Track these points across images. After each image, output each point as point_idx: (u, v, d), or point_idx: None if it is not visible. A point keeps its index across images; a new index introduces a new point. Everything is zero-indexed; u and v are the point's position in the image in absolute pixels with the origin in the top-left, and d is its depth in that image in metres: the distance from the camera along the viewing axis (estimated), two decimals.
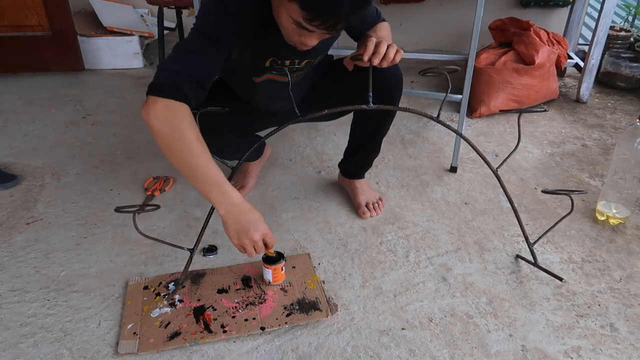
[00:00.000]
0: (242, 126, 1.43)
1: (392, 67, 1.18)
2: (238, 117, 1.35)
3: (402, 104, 1.42)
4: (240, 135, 1.46)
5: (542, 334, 1.14)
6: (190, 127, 1.01)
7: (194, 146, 1.01)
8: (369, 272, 1.33)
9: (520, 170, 1.82)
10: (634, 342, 1.12)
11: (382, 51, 1.10)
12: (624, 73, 2.51)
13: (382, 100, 1.23)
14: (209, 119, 1.17)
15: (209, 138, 1.07)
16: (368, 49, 1.10)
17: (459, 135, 1.18)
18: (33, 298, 1.24)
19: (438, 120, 1.17)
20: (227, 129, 1.37)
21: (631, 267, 1.34)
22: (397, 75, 1.35)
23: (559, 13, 2.87)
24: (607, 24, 2.23)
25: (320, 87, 1.45)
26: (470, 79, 1.67)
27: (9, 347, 1.10)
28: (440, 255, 1.39)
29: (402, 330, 1.15)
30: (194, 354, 1.09)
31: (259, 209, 1.10)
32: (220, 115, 1.21)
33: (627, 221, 1.52)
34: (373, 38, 1.12)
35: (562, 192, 1.23)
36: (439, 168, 1.84)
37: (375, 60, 1.10)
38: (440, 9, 2.96)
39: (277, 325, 1.14)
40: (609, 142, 2.04)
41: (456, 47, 2.87)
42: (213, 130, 1.21)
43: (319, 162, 1.87)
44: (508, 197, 1.24)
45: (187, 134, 1.01)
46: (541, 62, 2.21)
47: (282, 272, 1.26)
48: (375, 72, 1.17)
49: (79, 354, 1.09)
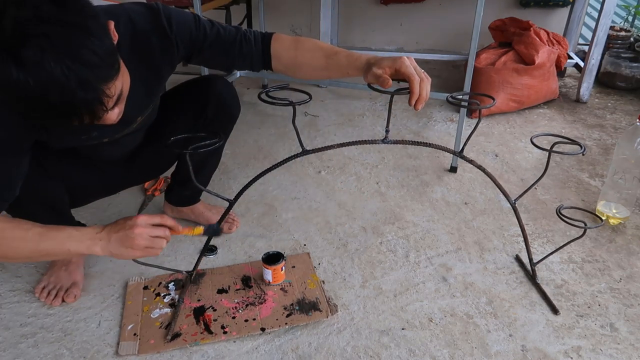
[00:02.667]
0: (105, 186, 1.31)
1: (225, 82, 1.21)
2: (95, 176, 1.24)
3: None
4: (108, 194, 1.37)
5: (542, 334, 1.14)
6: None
7: (11, 241, 0.91)
8: (369, 272, 1.33)
9: (520, 170, 1.82)
10: (634, 342, 1.12)
11: (426, 95, 0.94)
12: (624, 73, 2.51)
13: (220, 116, 1.25)
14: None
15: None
16: (415, 93, 0.93)
17: (482, 169, 1.15)
18: (33, 298, 1.23)
19: (462, 155, 1.12)
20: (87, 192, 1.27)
21: (631, 267, 1.34)
22: (232, 91, 1.29)
23: (559, 13, 2.87)
24: (607, 24, 2.23)
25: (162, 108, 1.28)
26: (470, 79, 1.67)
27: (9, 347, 1.10)
28: (440, 255, 1.39)
29: (402, 330, 1.15)
30: (194, 354, 1.09)
31: (259, 209, 1.10)
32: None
33: (627, 221, 1.51)
34: (416, 76, 0.93)
35: (577, 225, 1.14)
36: (439, 168, 1.84)
37: (419, 106, 0.94)
38: (440, 9, 2.96)
39: (277, 326, 1.14)
40: (609, 142, 2.04)
41: (456, 47, 2.87)
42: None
43: (319, 162, 1.87)
44: (524, 235, 1.22)
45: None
46: (541, 62, 2.21)
47: (281, 272, 1.26)
48: (209, 87, 1.16)
49: (79, 354, 1.09)
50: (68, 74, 0.71)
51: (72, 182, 1.16)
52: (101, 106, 0.78)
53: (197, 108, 1.26)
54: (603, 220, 1.47)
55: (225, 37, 1.07)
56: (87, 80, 0.73)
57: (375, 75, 0.96)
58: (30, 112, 0.77)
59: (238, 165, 1.86)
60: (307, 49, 1.09)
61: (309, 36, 3.02)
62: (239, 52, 1.08)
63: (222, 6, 2.36)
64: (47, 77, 0.71)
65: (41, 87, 0.71)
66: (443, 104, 2.37)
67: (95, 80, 0.75)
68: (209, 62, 1.12)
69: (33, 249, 0.92)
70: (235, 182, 1.75)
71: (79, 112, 0.77)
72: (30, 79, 0.70)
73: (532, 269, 1.29)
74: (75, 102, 0.74)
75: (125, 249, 0.94)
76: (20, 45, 0.69)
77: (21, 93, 0.72)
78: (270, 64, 1.11)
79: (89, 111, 0.77)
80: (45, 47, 0.70)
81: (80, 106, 0.76)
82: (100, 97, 0.77)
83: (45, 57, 0.70)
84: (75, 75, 0.72)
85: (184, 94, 1.28)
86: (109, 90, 0.78)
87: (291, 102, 1.00)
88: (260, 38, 1.09)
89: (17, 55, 0.69)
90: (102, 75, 0.76)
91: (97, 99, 0.76)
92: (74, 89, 0.72)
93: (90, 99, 0.75)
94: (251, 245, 1.43)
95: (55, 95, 0.72)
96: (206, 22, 1.06)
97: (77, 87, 0.73)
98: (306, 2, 3.02)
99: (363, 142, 1.09)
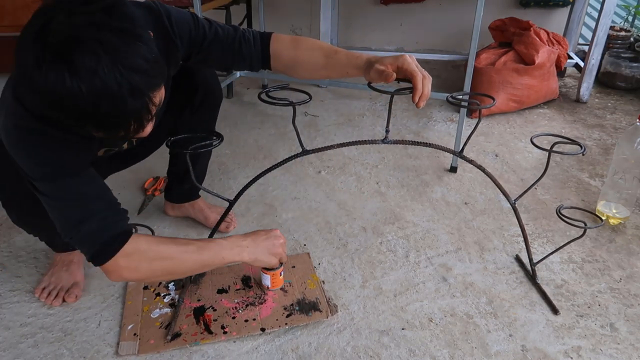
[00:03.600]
0: None
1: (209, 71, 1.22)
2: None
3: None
4: None
5: (542, 334, 1.14)
6: (156, 247, 0.97)
7: (178, 256, 0.99)
8: (369, 272, 1.33)
9: (520, 170, 1.82)
10: (634, 342, 1.12)
11: (428, 92, 0.95)
12: (624, 73, 2.51)
13: (206, 103, 1.27)
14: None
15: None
16: (418, 89, 0.94)
17: (482, 169, 1.15)
18: (33, 298, 1.23)
19: (462, 155, 1.13)
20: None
21: (631, 267, 1.34)
22: (215, 77, 1.31)
23: (559, 13, 2.87)
24: (607, 24, 2.22)
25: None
26: (470, 79, 1.67)
27: (9, 347, 1.10)
28: (440, 255, 1.39)
29: (402, 330, 1.15)
30: (194, 354, 1.09)
31: (259, 209, 1.10)
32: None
33: (627, 221, 1.51)
34: (419, 73, 0.94)
35: (577, 225, 1.14)
36: (439, 168, 1.84)
37: (421, 104, 0.95)
38: (440, 9, 2.95)
39: (277, 326, 1.14)
40: (609, 142, 2.04)
41: (456, 47, 2.87)
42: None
43: (319, 162, 1.87)
44: (524, 235, 1.22)
45: (164, 254, 0.97)
46: (541, 62, 2.21)
47: (280, 278, 1.25)
48: (194, 74, 1.16)
49: (79, 354, 1.09)
50: (121, 82, 0.70)
51: None
52: (148, 115, 0.77)
53: (184, 96, 1.26)
54: (603, 220, 1.47)
55: (223, 37, 1.06)
56: (138, 87, 0.73)
57: (378, 71, 0.96)
58: (80, 123, 0.75)
59: (238, 165, 1.86)
60: (306, 48, 1.08)
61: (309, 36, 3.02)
62: (238, 52, 1.08)
63: (222, 6, 2.35)
64: (100, 85, 0.69)
65: (94, 95, 0.70)
66: (443, 104, 2.37)
67: (146, 88, 0.74)
68: (208, 62, 1.12)
69: (197, 260, 1.01)
70: (235, 182, 1.75)
71: (128, 121, 0.76)
72: (83, 87, 0.69)
73: (532, 269, 1.29)
74: (126, 110, 0.73)
75: (269, 255, 1.11)
76: (74, 52, 0.68)
77: (73, 102, 0.70)
78: (269, 64, 1.11)
79: (137, 120, 0.76)
80: (99, 53, 0.69)
81: (129, 115, 0.75)
82: (148, 106, 0.76)
83: (99, 63, 0.69)
84: (127, 82, 0.71)
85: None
86: (155, 98, 0.77)
87: (291, 102, 1.00)
88: (259, 38, 1.09)
89: (70, 61, 0.68)
90: (152, 83, 0.76)
91: (145, 107, 0.75)
92: (126, 97, 0.71)
93: (139, 107, 0.74)
94: None
95: (108, 104, 0.71)
96: (205, 22, 1.06)
97: (128, 95, 0.71)
98: (306, 2, 3.02)
99: (363, 142, 1.09)
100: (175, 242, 1.01)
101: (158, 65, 0.78)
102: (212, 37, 1.06)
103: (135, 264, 0.95)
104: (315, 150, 1.09)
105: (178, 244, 1.00)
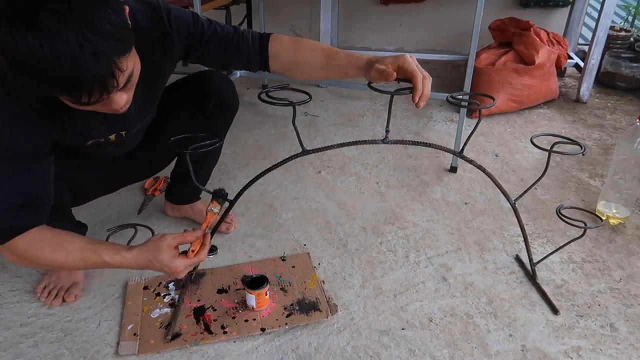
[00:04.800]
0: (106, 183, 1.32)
1: (223, 76, 1.22)
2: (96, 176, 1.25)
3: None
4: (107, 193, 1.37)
5: (542, 334, 1.14)
6: (39, 249, 0.96)
7: (58, 257, 0.97)
8: (369, 272, 1.33)
9: (520, 170, 1.82)
10: (634, 342, 1.12)
11: (428, 93, 0.95)
12: (624, 73, 2.51)
13: (219, 110, 1.26)
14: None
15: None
16: (418, 89, 0.94)
17: (482, 169, 1.16)
18: (33, 298, 1.24)
19: (462, 155, 1.13)
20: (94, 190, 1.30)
21: (631, 267, 1.34)
22: (231, 85, 1.30)
23: (559, 13, 2.87)
24: (607, 24, 2.22)
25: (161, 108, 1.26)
26: (470, 79, 1.67)
27: (9, 347, 1.10)
28: (440, 255, 1.39)
29: (402, 330, 1.15)
30: (194, 354, 1.09)
31: (259, 209, 1.10)
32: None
33: (627, 221, 1.51)
34: (419, 73, 0.94)
35: (577, 225, 1.14)
36: (439, 168, 1.84)
37: (421, 104, 0.95)
38: (440, 9, 2.96)
39: (277, 326, 1.14)
40: (609, 142, 2.04)
41: (456, 47, 2.87)
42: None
43: (319, 162, 1.88)
44: (524, 235, 1.22)
45: (43, 257, 0.96)
46: (541, 62, 2.21)
47: (266, 297, 1.18)
48: (208, 81, 1.16)
49: (79, 354, 1.09)
50: (83, 44, 0.70)
51: (72, 181, 1.17)
52: (112, 80, 0.77)
53: (197, 103, 1.26)
54: (603, 220, 1.47)
55: (222, 35, 1.07)
56: (102, 50, 0.72)
57: (378, 70, 0.96)
58: (42, 85, 0.76)
59: (238, 165, 1.86)
60: (306, 49, 1.09)
61: (309, 36, 3.03)
62: (236, 51, 1.08)
63: (222, 6, 2.35)
64: (62, 46, 0.69)
65: (56, 56, 0.70)
66: (443, 104, 2.37)
67: (109, 52, 0.74)
68: (206, 60, 1.12)
69: (79, 257, 0.97)
70: (235, 182, 1.75)
71: (91, 85, 0.75)
72: (45, 47, 0.69)
73: (532, 269, 1.29)
74: (88, 73, 0.73)
75: (155, 263, 0.98)
76: (38, 11, 0.69)
77: (34, 62, 0.70)
78: (267, 65, 1.11)
79: (101, 84, 0.76)
80: (64, 14, 0.69)
81: (92, 79, 0.74)
82: (113, 70, 0.76)
83: (62, 24, 0.69)
84: (90, 44, 0.71)
85: (183, 89, 1.28)
86: (122, 64, 0.77)
87: (291, 102, 1.00)
88: (258, 38, 1.10)
89: (35, 20, 0.69)
90: (117, 48, 0.75)
91: (109, 71, 0.75)
92: (88, 59, 0.71)
93: (102, 71, 0.74)
94: (251, 245, 1.43)
95: (69, 65, 0.71)
96: (204, 20, 1.07)
97: (90, 57, 0.71)
98: (306, 2, 3.02)
99: (363, 142, 1.09)
100: (60, 246, 0.97)
101: (125, 31, 0.78)
102: (211, 34, 1.06)
103: (17, 259, 0.98)
104: (315, 150, 1.08)
105: (63, 248, 0.97)
